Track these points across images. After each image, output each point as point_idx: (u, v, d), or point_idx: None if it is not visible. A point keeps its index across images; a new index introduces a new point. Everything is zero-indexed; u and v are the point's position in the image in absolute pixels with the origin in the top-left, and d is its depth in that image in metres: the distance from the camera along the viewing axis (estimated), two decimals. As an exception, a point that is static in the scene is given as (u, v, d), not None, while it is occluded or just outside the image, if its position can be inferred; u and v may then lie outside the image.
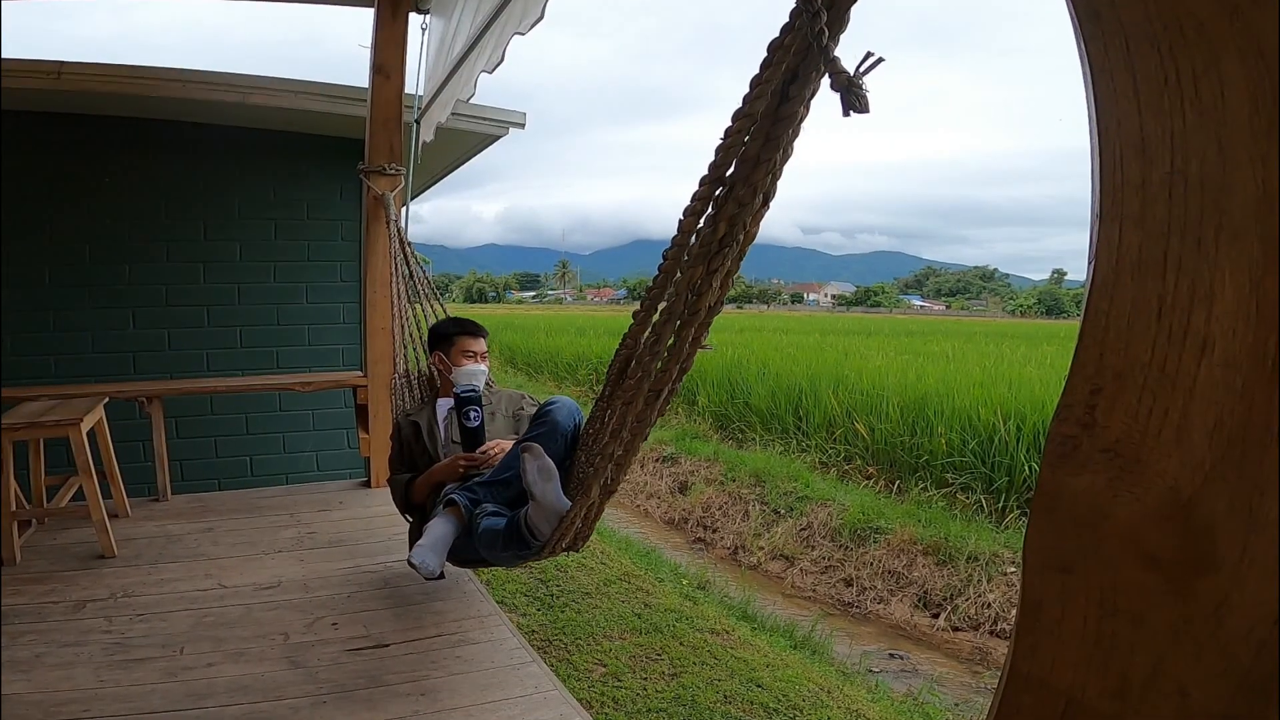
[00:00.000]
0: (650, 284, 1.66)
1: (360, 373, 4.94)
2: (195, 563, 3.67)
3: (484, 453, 3.02)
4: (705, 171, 1.36)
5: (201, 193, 5.01)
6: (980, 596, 5.55)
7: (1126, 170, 0.63)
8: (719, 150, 1.31)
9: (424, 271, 4.02)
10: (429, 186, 7.22)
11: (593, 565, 4.98)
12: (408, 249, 4.02)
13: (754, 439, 9.74)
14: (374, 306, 4.56)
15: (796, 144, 1.24)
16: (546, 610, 4.20)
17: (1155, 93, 0.61)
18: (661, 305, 1.59)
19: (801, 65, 1.14)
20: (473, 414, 3.08)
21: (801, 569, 6.57)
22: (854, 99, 0.98)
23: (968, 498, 6.94)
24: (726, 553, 7.22)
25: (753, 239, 1.41)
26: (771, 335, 20.56)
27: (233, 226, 5.08)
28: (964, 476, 7.16)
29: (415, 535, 3.09)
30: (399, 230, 4.10)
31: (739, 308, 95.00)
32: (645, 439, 1.94)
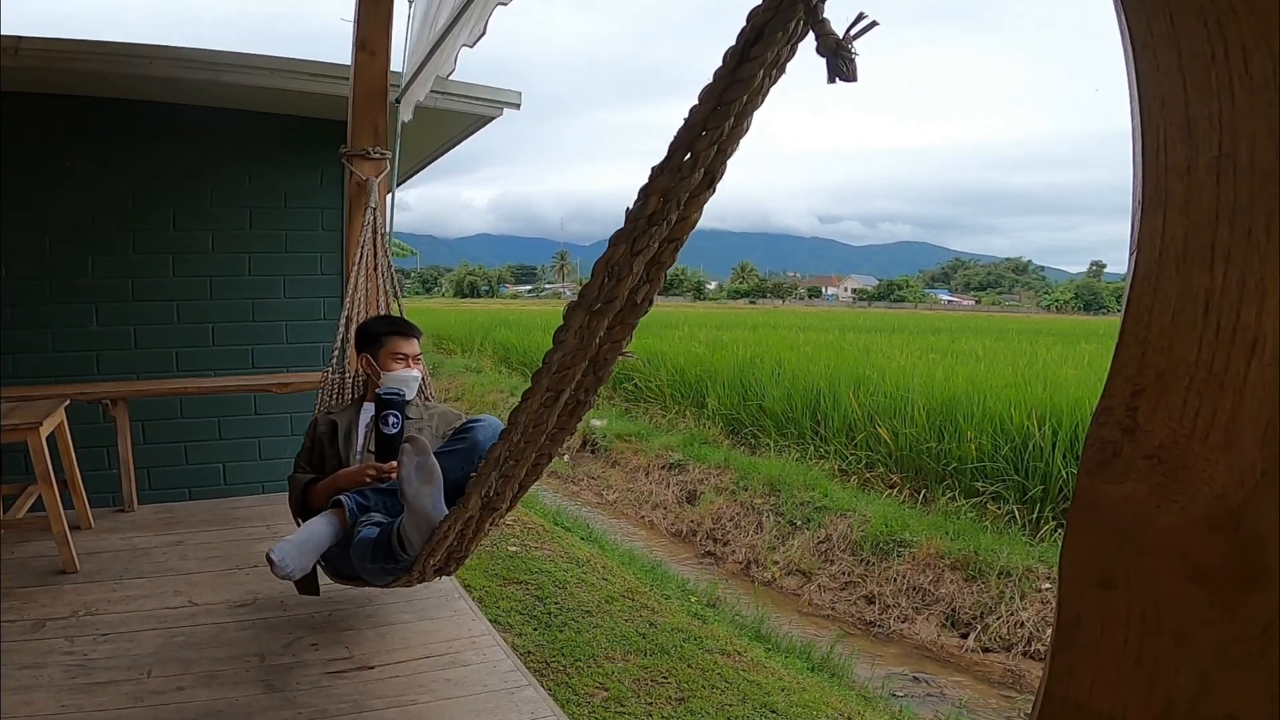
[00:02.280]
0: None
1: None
2: (164, 578, 3.68)
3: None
4: None
5: (171, 178, 5.02)
6: (1013, 615, 5.54)
7: (1171, 154, 0.63)
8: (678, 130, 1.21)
9: (390, 264, 4.01)
10: (416, 172, 7.22)
11: (594, 581, 4.98)
12: (379, 239, 4.01)
13: (768, 444, 9.73)
14: (344, 299, 4.56)
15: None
16: (544, 629, 4.20)
17: (1202, 70, 0.61)
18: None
19: (768, 24, 1.07)
20: (391, 419, 2.97)
21: (819, 585, 6.57)
22: (841, 64, 0.97)
23: (999, 508, 6.92)
24: (738, 567, 7.21)
25: (692, 225, 1.34)
26: (787, 333, 20.53)
27: (205, 215, 5.09)
28: (995, 485, 7.15)
29: None
30: (375, 217, 4.09)
31: (751, 303, 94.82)
32: (550, 457, 1.87)
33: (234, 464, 5.25)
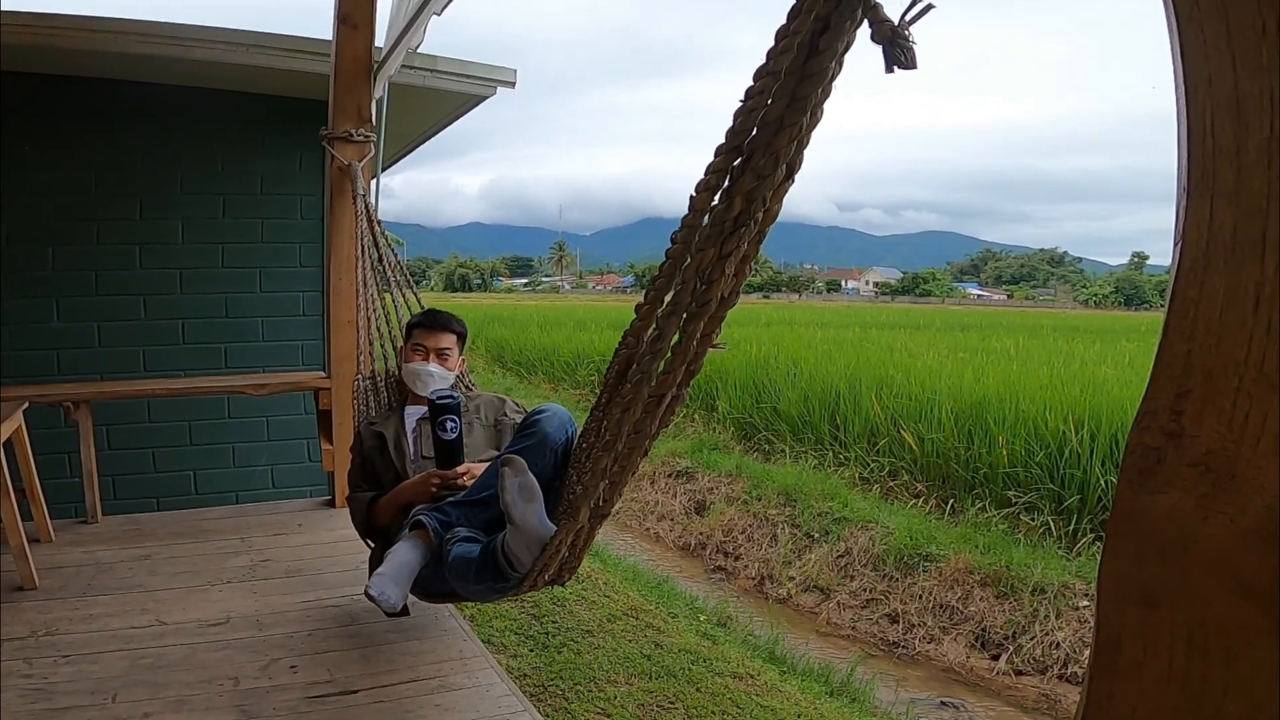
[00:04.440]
0: (657, 271, 1.62)
1: (323, 373, 4.95)
2: (130, 595, 3.68)
3: (462, 471, 2.98)
4: (723, 139, 1.32)
5: (137, 163, 5.02)
6: (1048, 635, 5.54)
7: (1219, 136, 0.63)
8: (738, 115, 1.28)
9: (395, 255, 4.03)
10: (402, 156, 7.24)
11: (594, 599, 4.99)
12: (377, 228, 4.02)
13: (783, 450, 9.73)
14: (339, 296, 4.56)
15: (827, 106, 1.23)
16: (541, 651, 4.21)
17: (1252, 45, 0.61)
18: (667, 297, 1.55)
19: (834, 13, 1.12)
20: (449, 424, 3.02)
21: (839, 602, 6.57)
22: (899, 53, 0.98)
23: (1033, 519, 6.91)
24: (751, 583, 7.22)
25: (774, 218, 1.38)
26: (804, 329, 20.54)
27: (174, 203, 5.10)
28: (1029, 494, 7.14)
29: (376, 563, 3.02)
30: (367, 206, 4.10)
31: (765, 297, 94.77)
32: (646, 454, 1.92)
33: (206, 472, 5.26)
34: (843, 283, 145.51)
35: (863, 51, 1.08)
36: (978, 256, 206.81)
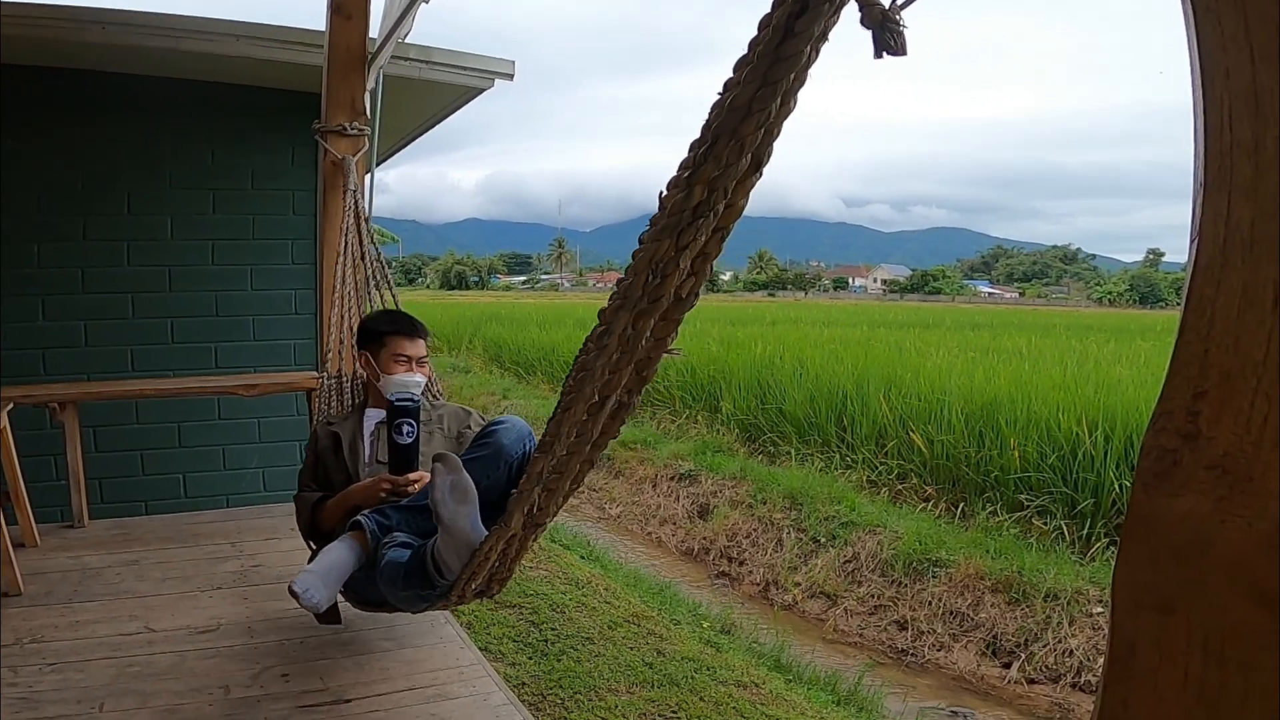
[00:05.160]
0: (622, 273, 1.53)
1: (315, 373, 4.94)
2: (118, 602, 3.69)
3: (415, 478, 2.93)
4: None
5: (125, 158, 5.02)
6: (1061, 642, 5.54)
7: (1236, 130, 0.63)
8: (713, 107, 1.23)
9: (378, 252, 4.02)
10: (396, 150, 7.23)
11: (595, 605, 4.98)
12: (363, 225, 4.02)
13: (788, 453, 9.72)
14: (331, 293, 4.56)
15: (802, 95, 1.19)
16: (539, 659, 4.21)
17: (1271, 37, 0.61)
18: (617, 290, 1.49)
19: None
20: (406, 428, 2.96)
21: (846, 609, 6.57)
22: (889, 38, 0.97)
23: (1045, 523, 6.91)
24: (755, 589, 7.22)
25: (737, 214, 1.34)
26: (810, 328, 20.53)
27: (163, 198, 5.10)
28: (1041, 498, 7.13)
29: None
30: (356, 202, 4.10)
31: (771, 295, 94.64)
32: (591, 464, 1.89)
33: (196, 474, 5.26)
34: (850, 280, 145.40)
35: (867, 44, 1.07)
36: (988, 253, 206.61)
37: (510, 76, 5.23)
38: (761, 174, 1.29)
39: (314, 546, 3.10)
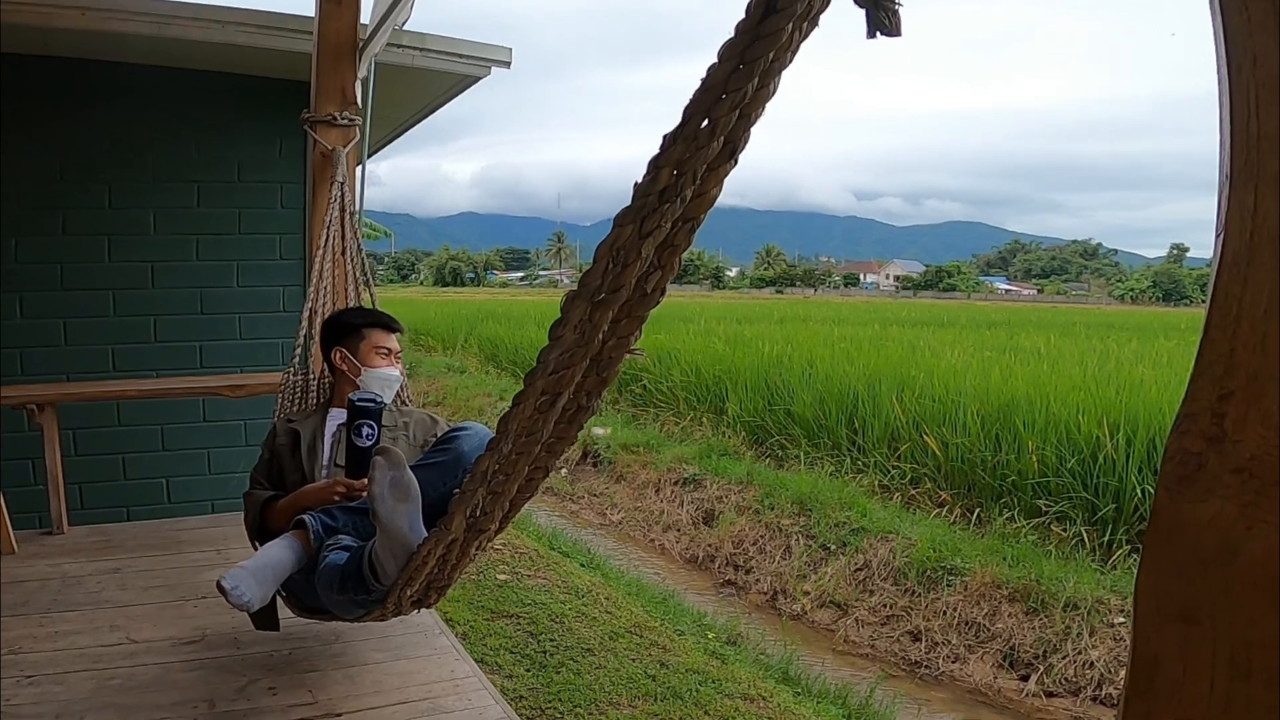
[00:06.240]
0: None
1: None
2: (98, 611, 3.69)
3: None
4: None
5: (106, 149, 5.02)
6: (1081, 653, 5.53)
7: (1264, 120, 0.62)
8: (693, 94, 1.19)
9: (361, 249, 4.02)
10: (389, 141, 7.23)
11: (595, 615, 4.99)
12: (347, 219, 4.01)
13: (797, 456, 9.72)
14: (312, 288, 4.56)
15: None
16: (538, 671, 4.21)
17: (1300, 23, 0.60)
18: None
19: None
20: (366, 430, 2.93)
21: (857, 619, 6.56)
22: (883, 17, 0.97)
23: (1065, 530, 6.91)
24: (763, 599, 7.22)
25: (710, 202, 1.32)
26: (820, 326, 20.52)
27: (146, 191, 5.11)
28: (1060, 503, 7.12)
29: None
30: (343, 195, 4.09)
31: (779, 292, 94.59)
32: (545, 471, 1.86)
33: (179, 479, 5.26)
34: (861, 276, 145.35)
35: (878, 39, 1.06)
36: (1005, 248, 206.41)
37: (507, 64, 5.23)
38: (736, 162, 1.27)
39: (258, 547, 3.02)
